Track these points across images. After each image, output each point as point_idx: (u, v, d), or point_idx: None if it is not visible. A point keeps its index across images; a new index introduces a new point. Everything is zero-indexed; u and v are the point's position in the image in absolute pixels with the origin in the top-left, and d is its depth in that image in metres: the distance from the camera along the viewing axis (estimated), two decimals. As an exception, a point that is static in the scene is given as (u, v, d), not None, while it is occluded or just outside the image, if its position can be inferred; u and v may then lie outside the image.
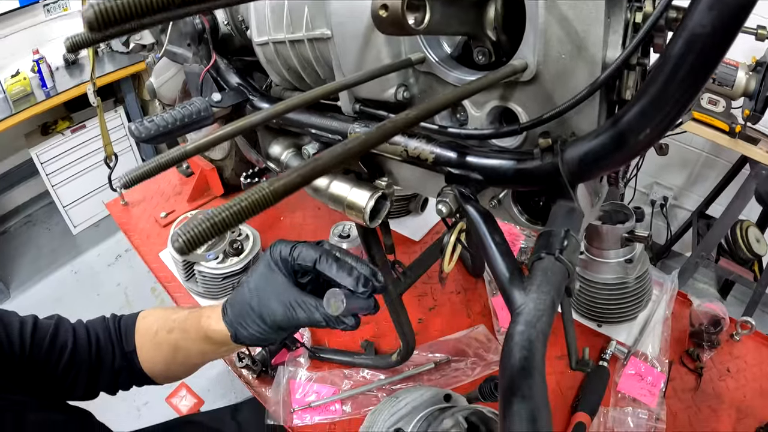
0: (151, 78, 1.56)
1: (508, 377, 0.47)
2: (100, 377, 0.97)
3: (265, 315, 0.78)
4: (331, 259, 0.75)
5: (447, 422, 0.89)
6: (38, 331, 0.91)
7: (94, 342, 0.97)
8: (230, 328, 0.83)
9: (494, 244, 0.65)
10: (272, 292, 0.78)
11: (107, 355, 0.97)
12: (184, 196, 2.02)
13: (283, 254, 0.78)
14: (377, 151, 0.83)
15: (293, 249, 0.78)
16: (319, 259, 0.76)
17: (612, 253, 1.31)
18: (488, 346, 1.38)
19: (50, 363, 0.91)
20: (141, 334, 0.99)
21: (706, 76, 0.50)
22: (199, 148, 0.49)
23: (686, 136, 2.84)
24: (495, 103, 0.74)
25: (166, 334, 0.95)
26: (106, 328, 1.00)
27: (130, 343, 0.99)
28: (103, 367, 0.97)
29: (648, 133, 0.57)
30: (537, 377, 0.46)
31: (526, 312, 0.52)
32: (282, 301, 0.77)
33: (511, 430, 0.43)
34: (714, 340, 1.44)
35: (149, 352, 0.98)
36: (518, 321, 0.51)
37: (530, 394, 0.44)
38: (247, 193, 0.34)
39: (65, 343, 0.93)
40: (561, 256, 0.57)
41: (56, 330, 0.94)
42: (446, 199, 0.73)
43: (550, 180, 0.67)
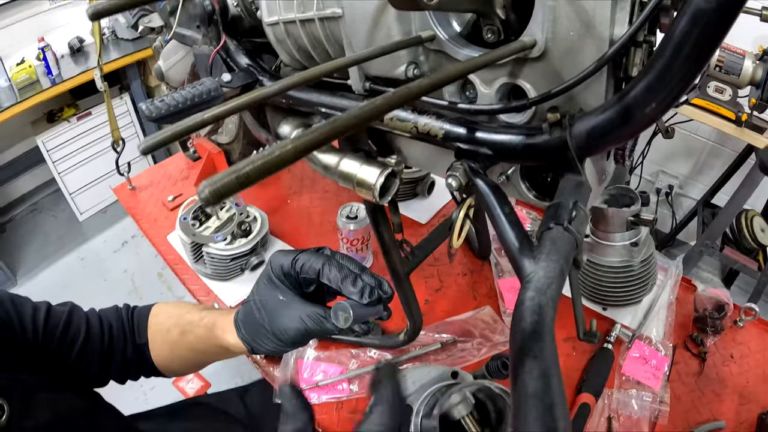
0: (159, 61, 1.57)
1: (519, 340, 0.48)
2: (110, 367, 0.98)
3: (278, 333, 0.78)
4: (334, 269, 0.74)
5: (455, 397, 0.91)
6: (51, 318, 0.92)
7: (107, 332, 0.98)
8: (246, 345, 0.84)
9: (503, 215, 0.66)
10: (281, 310, 0.78)
11: (119, 345, 0.98)
12: (191, 180, 2.03)
13: (285, 268, 0.78)
14: (387, 129, 0.84)
15: (295, 261, 0.77)
16: (323, 269, 0.75)
17: (617, 236, 1.32)
18: (494, 327, 1.39)
19: (62, 351, 0.92)
20: (153, 330, 1.00)
21: (710, 52, 0.51)
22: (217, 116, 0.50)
23: (692, 124, 2.84)
24: (504, 80, 0.74)
25: (180, 336, 0.96)
26: (119, 318, 1.01)
27: (142, 336, 1.00)
28: (114, 357, 0.98)
29: (654, 107, 0.58)
30: (548, 339, 0.47)
31: (536, 279, 0.53)
32: (292, 317, 0.77)
33: (524, 388, 0.44)
34: (718, 325, 1.44)
35: (161, 348, 1.00)
36: (528, 288, 0.52)
37: (542, 355, 0.45)
38: (271, 149, 0.35)
39: (78, 332, 0.94)
40: (569, 227, 0.58)
41: (69, 318, 0.95)
42: (456, 173, 0.73)
43: (558, 154, 0.68)
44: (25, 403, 0.76)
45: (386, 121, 0.82)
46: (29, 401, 0.77)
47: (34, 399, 0.78)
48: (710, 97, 2.41)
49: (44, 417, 0.78)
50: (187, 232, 1.50)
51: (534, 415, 0.42)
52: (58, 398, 0.84)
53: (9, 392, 0.73)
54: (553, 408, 0.43)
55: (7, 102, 3.24)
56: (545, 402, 0.42)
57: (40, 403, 0.79)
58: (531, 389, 0.43)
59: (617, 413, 1.26)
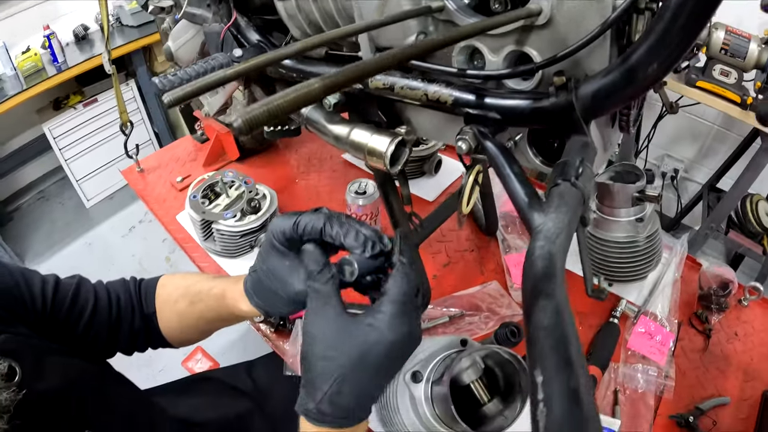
0: (168, 42, 1.58)
1: (531, 283, 0.49)
2: (118, 337, 0.99)
3: (291, 296, 0.78)
4: (336, 226, 0.74)
5: (464, 361, 0.92)
6: (60, 290, 0.93)
7: (114, 303, 0.99)
8: (262, 311, 0.84)
9: (513, 174, 0.68)
10: (291, 275, 0.78)
11: (127, 316, 0.99)
12: (199, 161, 2.05)
13: (288, 233, 0.76)
14: (397, 98, 0.85)
15: (296, 224, 0.76)
16: (324, 227, 0.74)
17: (623, 211, 1.33)
18: (501, 301, 1.41)
19: (70, 321, 0.93)
20: (161, 301, 1.01)
21: (708, 13, 0.53)
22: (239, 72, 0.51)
23: (698, 108, 2.85)
24: (511, 48, 0.76)
25: (189, 306, 0.97)
26: (127, 290, 1.02)
27: (150, 306, 1.01)
28: (122, 328, 0.99)
29: (655, 67, 0.60)
30: (559, 282, 0.48)
31: (545, 230, 0.55)
32: (300, 279, 0.77)
33: (538, 323, 0.45)
34: (722, 303, 1.46)
35: (169, 318, 1.00)
36: (538, 238, 0.54)
37: (553, 294, 0.47)
38: (300, 85, 0.37)
39: (86, 303, 0.95)
40: (576, 182, 0.60)
41: (77, 290, 0.95)
42: (466, 137, 0.75)
43: (565, 117, 0.70)
44: (37, 366, 0.77)
45: (396, 90, 0.84)
46: (41, 364, 0.78)
47: (45, 362, 0.79)
48: (716, 80, 2.41)
49: (56, 380, 0.79)
50: (197, 209, 1.52)
51: (549, 345, 0.44)
52: (69, 363, 0.85)
53: (21, 355, 0.74)
54: (567, 339, 0.44)
55: (13, 90, 3.25)
56: (559, 333, 0.44)
57: (51, 366, 0.80)
58: (545, 323, 0.45)
59: (623, 387, 1.28)
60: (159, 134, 4.35)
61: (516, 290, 1.45)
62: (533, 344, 0.45)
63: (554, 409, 0.39)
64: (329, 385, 0.65)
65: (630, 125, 0.83)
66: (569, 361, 0.42)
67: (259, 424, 1.30)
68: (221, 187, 1.58)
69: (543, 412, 0.39)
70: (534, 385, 0.41)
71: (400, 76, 0.85)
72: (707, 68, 2.42)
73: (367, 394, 0.68)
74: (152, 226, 3.84)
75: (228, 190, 1.58)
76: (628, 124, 0.82)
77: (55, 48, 3.44)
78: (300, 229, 0.75)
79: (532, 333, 0.46)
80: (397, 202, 1.04)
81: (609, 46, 0.68)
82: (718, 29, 2.29)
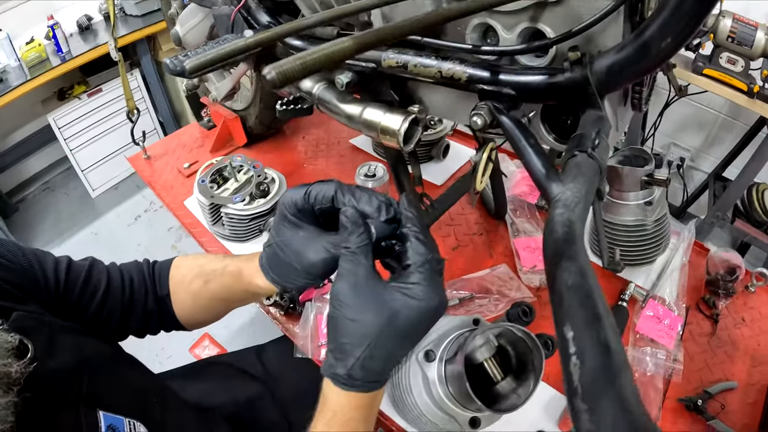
0: (176, 26, 1.58)
1: (552, 248, 0.49)
2: (131, 319, 0.99)
3: (308, 269, 0.77)
4: (348, 194, 0.74)
5: (478, 339, 0.92)
6: (72, 270, 0.93)
7: (127, 284, 0.99)
8: (278, 286, 0.84)
9: (529, 146, 0.68)
10: (305, 246, 0.77)
11: (140, 297, 0.99)
12: (206, 148, 2.05)
13: (299, 204, 0.76)
14: (411, 75, 0.85)
15: (307, 194, 0.76)
16: (336, 196, 0.74)
17: (632, 195, 1.33)
18: (511, 284, 1.41)
19: (82, 302, 0.92)
20: (175, 282, 1.01)
21: None
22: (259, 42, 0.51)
23: (704, 97, 2.84)
24: (525, 25, 0.76)
25: (203, 285, 0.97)
26: (140, 271, 1.02)
27: (164, 288, 1.00)
28: (135, 309, 0.99)
29: (669, 42, 0.61)
30: (580, 246, 0.49)
31: (564, 198, 0.55)
32: (317, 249, 0.76)
33: (564, 282, 0.46)
34: (730, 288, 1.46)
35: (184, 299, 1.00)
36: (557, 206, 0.55)
37: (576, 256, 0.48)
38: (333, 42, 0.37)
39: (98, 284, 0.95)
40: (593, 153, 0.60)
41: (90, 271, 0.95)
42: (481, 112, 0.75)
43: (580, 91, 0.70)
44: (50, 343, 0.77)
45: (410, 68, 0.84)
46: (53, 342, 0.78)
47: (58, 340, 0.79)
48: (722, 68, 2.40)
49: (68, 358, 0.78)
50: (205, 193, 1.52)
51: (576, 302, 0.45)
52: (81, 342, 0.85)
53: (34, 333, 0.73)
54: (593, 296, 0.45)
55: (17, 81, 3.24)
56: (584, 291, 0.44)
57: (64, 344, 0.80)
58: (570, 282, 0.45)
59: (632, 370, 1.28)
60: (164, 123, 4.36)
61: (525, 273, 1.46)
62: (560, 303, 0.45)
63: (587, 361, 0.40)
64: (362, 350, 0.66)
65: (642, 103, 0.83)
66: (598, 316, 0.42)
67: (270, 407, 1.30)
68: (230, 172, 1.58)
69: (576, 365, 0.40)
70: (564, 341, 0.42)
71: (413, 55, 0.85)
72: (714, 56, 2.41)
73: (395, 359, 0.69)
74: (158, 215, 3.86)
75: (236, 174, 1.58)
76: (641, 102, 0.83)
77: (59, 38, 3.43)
78: (311, 198, 0.75)
79: (557, 293, 0.46)
80: (408, 182, 1.04)
81: (623, 22, 0.69)
82: (725, 17, 2.28)
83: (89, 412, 0.75)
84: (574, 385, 0.40)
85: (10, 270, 0.82)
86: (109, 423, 0.77)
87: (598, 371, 0.39)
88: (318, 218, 0.79)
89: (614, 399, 0.37)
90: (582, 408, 0.38)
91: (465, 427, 0.97)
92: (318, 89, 0.99)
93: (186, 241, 3.57)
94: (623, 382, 0.38)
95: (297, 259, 0.78)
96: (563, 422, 1.17)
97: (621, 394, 0.37)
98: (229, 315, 1.07)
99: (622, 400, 0.37)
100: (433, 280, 0.66)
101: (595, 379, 0.39)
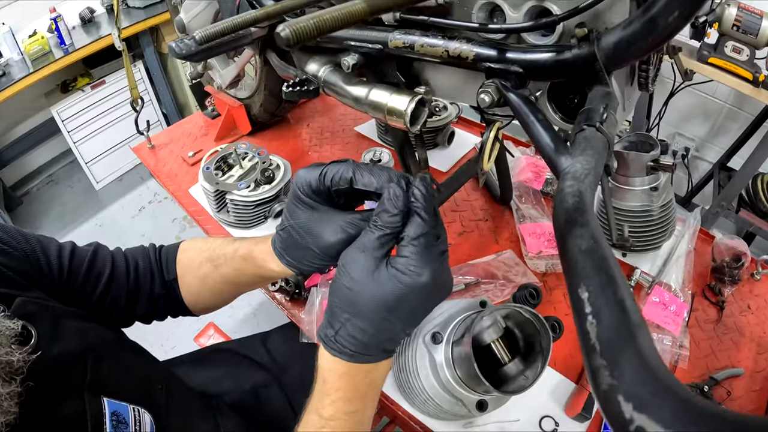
0: (180, 14, 1.58)
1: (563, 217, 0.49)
2: (137, 304, 0.99)
3: (324, 250, 0.76)
4: (366, 174, 0.72)
5: (486, 320, 0.92)
6: (76, 256, 0.92)
7: (132, 269, 0.98)
8: (295, 269, 0.83)
9: (537, 121, 0.68)
10: (321, 227, 0.76)
11: (146, 282, 0.99)
12: (210, 137, 2.05)
13: (314, 185, 0.75)
14: (418, 56, 0.85)
15: (323, 175, 0.74)
16: (355, 176, 0.73)
17: (638, 180, 1.33)
18: (516, 269, 1.41)
19: (87, 288, 0.92)
20: (183, 265, 1.00)
21: None
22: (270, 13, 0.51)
23: (709, 86, 2.83)
24: (532, 3, 0.76)
25: (213, 269, 0.96)
26: (146, 256, 1.01)
27: (171, 272, 1.00)
28: (140, 295, 0.98)
29: (676, 16, 0.61)
30: (591, 214, 0.49)
31: (573, 171, 0.55)
32: (334, 230, 0.75)
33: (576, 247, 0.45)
34: (735, 275, 1.46)
35: (192, 284, 1.00)
36: (566, 178, 0.55)
37: (588, 223, 0.48)
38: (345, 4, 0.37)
39: (103, 269, 0.94)
40: (602, 127, 0.60)
41: (94, 256, 0.95)
42: (489, 90, 0.75)
43: (587, 68, 0.71)
44: (54, 329, 0.76)
45: (417, 48, 0.84)
46: (57, 328, 0.77)
47: (62, 326, 0.78)
48: (728, 57, 2.39)
49: (72, 344, 0.78)
50: (210, 180, 1.52)
51: (590, 265, 0.44)
52: (85, 327, 0.84)
53: (37, 318, 0.73)
54: (607, 259, 0.45)
55: (20, 74, 3.25)
56: (598, 255, 0.44)
57: (68, 330, 0.79)
58: (584, 246, 0.45)
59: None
60: (167, 115, 4.37)
61: (531, 259, 1.46)
62: (573, 268, 0.45)
63: (603, 319, 0.40)
64: (347, 315, 0.67)
65: (649, 82, 0.83)
66: (612, 278, 0.42)
67: (275, 394, 1.31)
68: (235, 159, 1.58)
69: (593, 323, 0.40)
70: (579, 302, 0.42)
71: (420, 35, 0.85)
72: (719, 45, 2.40)
73: (383, 333, 0.68)
74: (162, 207, 3.88)
75: (241, 161, 1.58)
76: (647, 81, 0.82)
77: (62, 31, 3.43)
78: (328, 180, 0.74)
79: (570, 258, 0.46)
80: (414, 164, 1.04)
81: (629, 0, 0.69)
82: (730, 5, 2.28)
83: (93, 398, 0.74)
84: (591, 342, 0.39)
85: (13, 256, 0.82)
86: (114, 410, 0.76)
87: (615, 328, 0.39)
88: (333, 198, 0.78)
89: (634, 355, 0.37)
90: (601, 364, 0.38)
91: (472, 410, 0.97)
92: (324, 72, 0.99)
93: (190, 231, 3.58)
94: (642, 338, 0.38)
95: (314, 242, 0.76)
96: (570, 407, 1.17)
97: (640, 349, 0.37)
98: (233, 304, 1.06)
99: (641, 356, 0.36)
100: (423, 255, 0.65)
101: (614, 336, 0.39)
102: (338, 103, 2.16)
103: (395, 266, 0.65)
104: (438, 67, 0.92)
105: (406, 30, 0.87)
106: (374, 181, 0.71)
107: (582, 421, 1.15)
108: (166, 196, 3.95)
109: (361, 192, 0.74)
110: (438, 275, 0.66)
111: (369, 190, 0.72)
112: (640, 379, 0.35)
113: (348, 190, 0.74)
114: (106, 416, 0.74)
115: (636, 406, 0.34)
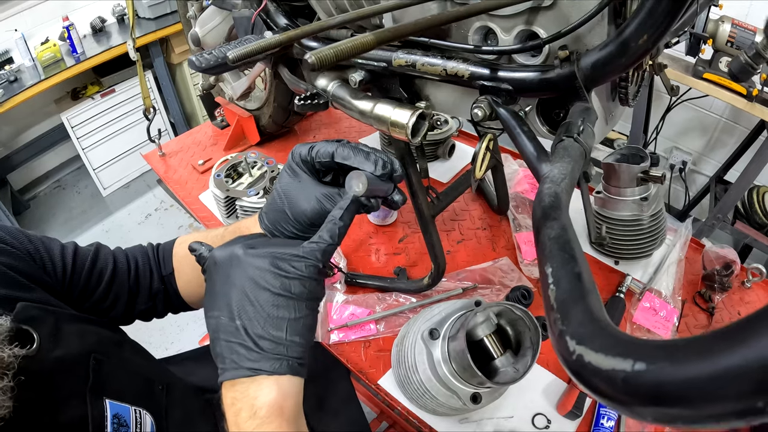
0: (195, 27, 1.66)
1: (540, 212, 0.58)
2: (137, 301, 1.00)
3: (297, 216, 0.84)
4: (347, 149, 0.80)
5: (479, 316, 0.98)
6: (78, 256, 0.93)
7: (133, 267, 0.99)
8: (268, 232, 0.88)
9: (523, 133, 0.77)
10: (299, 193, 0.84)
11: (145, 279, 1.00)
12: (219, 146, 2.12)
13: (303, 155, 0.83)
14: (418, 74, 0.93)
15: (311, 149, 0.82)
16: (336, 151, 0.80)
17: (628, 191, 1.39)
18: (512, 275, 1.48)
19: (89, 287, 0.93)
20: (179, 258, 1.02)
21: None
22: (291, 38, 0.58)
23: (705, 101, 2.90)
24: (521, 27, 0.84)
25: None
26: (145, 253, 1.03)
27: (167, 267, 1.01)
28: (140, 291, 1.00)
29: (645, 39, 0.68)
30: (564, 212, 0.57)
31: (552, 176, 0.63)
32: (309, 198, 0.83)
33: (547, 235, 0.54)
34: (725, 282, 1.50)
35: (188, 274, 1.01)
36: (545, 181, 0.63)
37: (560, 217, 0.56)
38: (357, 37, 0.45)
39: (105, 267, 0.95)
40: (578, 138, 0.68)
41: (96, 255, 0.96)
42: (482, 105, 0.83)
43: (569, 85, 0.78)
44: (55, 333, 0.76)
45: (418, 67, 0.91)
46: (58, 331, 0.77)
47: (63, 329, 0.78)
48: (722, 72, 2.46)
49: (74, 347, 0.78)
50: (221, 187, 1.59)
51: (556, 248, 0.53)
52: (86, 330, 0.84)
53: (39, 322, 0.74)
54: (571, 244, 0.54)
55: (32, 80, 3.32)
56: (564, 240, 0.54)
57: (69, 333, 0.79)
58: (553, 234, 0.54)
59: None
60: (175, 124, 4.45)
61: (526, 265, 1.51)
62: (543, 251, 0.54)
63: (562, 285, 0.49)
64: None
65: (629, 98, 0.90)
66: (573, 257, 0.51)
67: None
68: (244, 167, 1.65)
69: (553, 290, 0.49)
70: (545, 276, 0.51)
71: (421, 54, 0.92)
72: (714, 60, 2.47)
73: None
74: (168, 214, 3.94)
75: (251, 169, 1.65)
76: (627, 97, 0.90)
77: (74, 39, 3.51)
78: (314, 152, 0.82)
79: (542, 243, 0.55)
80: (415, 174, 1.11)
81: (607, 24, 0.77)
82: (724, 22, 2.34)
83: (96, 401, 0.76)
84: (551, 302, 0.49)
85: (17, 256, 0.82)
86: (115, 412, 0.78)
87: (570, 292, 0.48)
88: (318, 172, 0.86)
89: (582, 310, 0.45)
90: (556, 317, 0.47)
91: (467, 402, 1.03)
92: (333, 87, 1.06)
93: (196, 238, 3.60)
94: (590, 298, 0.47)
95: (289, 205, 0.85)
96: (561, 405, 1.22)
97: (588, 305, 0.46)
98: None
99: (587, 311, 0.45)
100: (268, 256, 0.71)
101: (567, 297, 0.48)
102: (344, 116, 2.23)
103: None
104: (437, 84, 0.99)
105: (408, 50, 0.94)
106: (352, 155, 0.79)
107: (573, 419, 1.20)
108: (172, 203, 4.00)
109: (345, 168, 0.81)
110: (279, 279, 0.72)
111: (347, 163, 0.80)
112: (583, 324, 0.44)
113: (332, 164, 0.82)
114: (108, 418, 0.76)
115: (578, 342, 0.43)
